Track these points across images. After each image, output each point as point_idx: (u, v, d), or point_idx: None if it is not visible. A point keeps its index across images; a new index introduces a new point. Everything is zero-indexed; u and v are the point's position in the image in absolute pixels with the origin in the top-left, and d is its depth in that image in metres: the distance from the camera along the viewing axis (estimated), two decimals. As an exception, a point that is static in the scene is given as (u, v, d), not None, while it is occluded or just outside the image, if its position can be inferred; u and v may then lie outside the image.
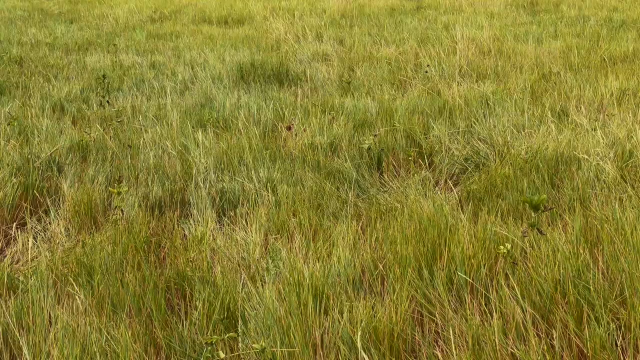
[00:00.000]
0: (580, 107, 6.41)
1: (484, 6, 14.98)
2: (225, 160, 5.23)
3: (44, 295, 3.31)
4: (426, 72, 8.17)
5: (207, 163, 5.11)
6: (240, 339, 3.08)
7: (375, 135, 5.61)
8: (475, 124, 6.02)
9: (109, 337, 3.05)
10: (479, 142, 5.62)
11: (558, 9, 14.43)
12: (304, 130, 5.87)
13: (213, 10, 15.09)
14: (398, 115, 6.26)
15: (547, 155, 5.07)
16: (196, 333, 3.16)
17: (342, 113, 6.52)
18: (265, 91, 7.61)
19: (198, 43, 10.93)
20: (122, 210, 4.18)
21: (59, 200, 4.63)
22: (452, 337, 2.99)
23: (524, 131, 5.75)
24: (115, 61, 9.31)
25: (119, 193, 4.13)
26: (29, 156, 5.19)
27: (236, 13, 14.62)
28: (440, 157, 5.39)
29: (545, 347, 2.89)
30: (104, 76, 6.91)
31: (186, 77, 8.32)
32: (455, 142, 5.66)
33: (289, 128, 5.83)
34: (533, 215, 3.60)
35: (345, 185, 4.90)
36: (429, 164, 5.32)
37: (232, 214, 4.45)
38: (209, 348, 2.89)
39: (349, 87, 7.66)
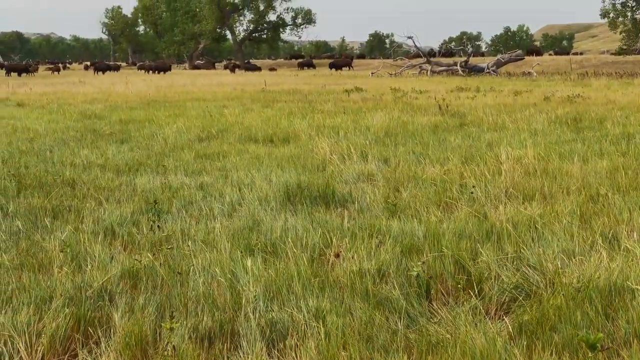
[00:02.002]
0: (632, 233, 6.34)
1: (527, 123, 15.13)
2: (274, 288, 5.25)
3: None
4: (472, 193, 8.19)
5: (256, 292, 5.12)
6: None
7: (423, 263, 5.59)
8: (524, 249, 5.98)
9: None
10: (528, 268, 5.56)
11: (602, 125, 14.51)
12: (352, 257, 5.88)
13: (259, 129, 15.44)
14: (445, 240, 6.25)
15: (599, 284, 4.99)
16: None
17: (389, 237, 6.53)
18: (312, 213, 7.66)
19: (245, 163, 11.13)
20: (174, 347, 4.17)
21: (110, 330, 4.66)
22: None
23: (574, 258, 5.69)
24: (165, 183, 9.51)
25: (171, 329, 4.14)
26: (82, 285, 5.27)
27: (282, 131, 14.93)
28: (490, 285, 5.34)
29: None
30: (155, 201, 7.05)
31: (234, 198, 8.43)
32: (505, 268, 5.61)
33: (337, 255, 5.85)
34: (590, 355, 3.52)
35: (395, 315, 4.86)
36: (478, 291, 5.27)
37: (281, 346, 4.42)
38: None
39: (395, 209, 7.69)
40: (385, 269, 5.70)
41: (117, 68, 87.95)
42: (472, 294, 5.18)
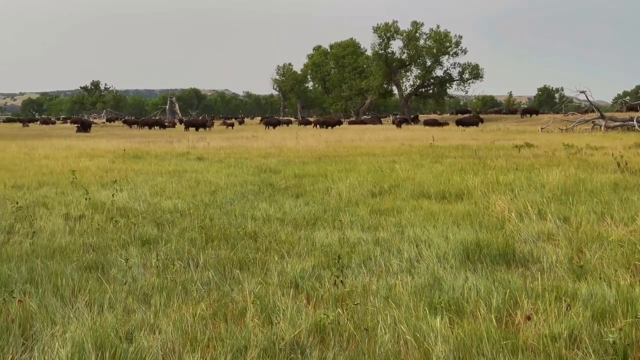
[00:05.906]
0: None
1: None
2: (463, 348, 5.18)
3: None
4: (664, 256, 7.78)
5: (445, 352, 5.08)
6: None
7: (620, 329, 5.35)
8: None
9: None
10: None
11: None
12: (544, 320, 5.71)
13: (431, 184, 15.38)
14: (640, 306, 5.97)
15: None
16: None
17: (578, 300, 6.31)
18: (493, 272, 7.53)
19: (419, 219, 11.10)
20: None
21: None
22: None
23: None
24: (342, 237, 9.65)
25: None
26: (274, 337, 5.42)
27: (454, 188, 14.80)
28: (694, 356, 5.03)
29: None
30: (339, 257, 7.20)
31: (411, 255, 8.43)
32: None
33: (528, 318, 5.70)
34: None
35: (592, 383, 4.67)
36: (681, 362, 4.98)
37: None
38: None
39: (581, 271, 7.42)
40: (577, 333, 5.50)
41: (306, 122, 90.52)
42: (675, 364, 4.90)
